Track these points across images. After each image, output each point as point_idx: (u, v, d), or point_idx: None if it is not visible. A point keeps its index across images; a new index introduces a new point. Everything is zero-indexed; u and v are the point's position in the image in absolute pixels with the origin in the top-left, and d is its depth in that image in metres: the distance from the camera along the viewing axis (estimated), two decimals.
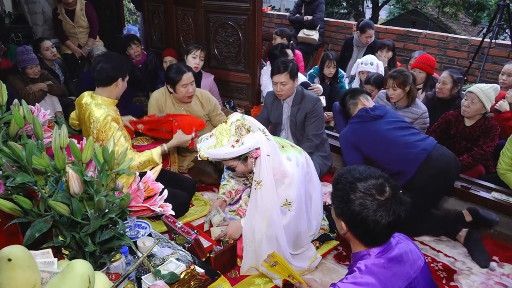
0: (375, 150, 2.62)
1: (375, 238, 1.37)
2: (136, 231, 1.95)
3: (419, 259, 1.41)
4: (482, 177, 3.00)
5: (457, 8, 16.86)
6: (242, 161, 2.09)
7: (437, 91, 3.45)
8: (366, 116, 2.66)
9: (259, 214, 2.10)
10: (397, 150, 2.53)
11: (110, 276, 1.35)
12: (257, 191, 2.09)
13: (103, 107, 2.38)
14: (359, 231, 1.37)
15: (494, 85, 2.92)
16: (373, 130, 2.61)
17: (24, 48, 3.84)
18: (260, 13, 3.83)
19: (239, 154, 2.03)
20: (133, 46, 4.24)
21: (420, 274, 1.37)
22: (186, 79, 3.01)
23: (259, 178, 2.08)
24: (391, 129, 2.59)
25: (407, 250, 1.40)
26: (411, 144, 2.52)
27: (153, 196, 1.30)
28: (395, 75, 3.16)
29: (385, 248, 1.38)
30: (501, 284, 2.30)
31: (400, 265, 1.35)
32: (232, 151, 2.01)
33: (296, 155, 2.22)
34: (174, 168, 3.18)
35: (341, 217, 1.40)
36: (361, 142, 2.66)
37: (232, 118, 2.08)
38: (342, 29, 6.00)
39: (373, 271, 1.31)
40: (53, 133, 1.24)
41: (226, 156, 2.03)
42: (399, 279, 1.31)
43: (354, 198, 1.34)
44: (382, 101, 3.40)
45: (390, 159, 2.56)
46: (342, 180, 1.40)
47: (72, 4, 4.74)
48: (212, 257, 2.07)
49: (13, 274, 1.00)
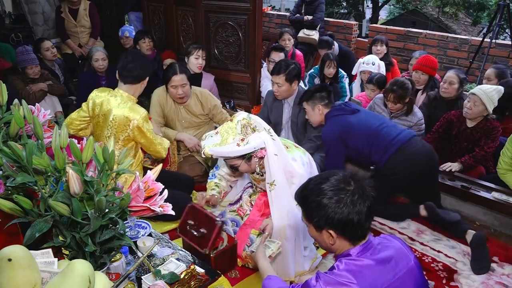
0: (361, 141, 2.67)
1: (362, 229, 1.35)
2: (136, 231, 1.95)
3: (406, 257, 1.37)
4: (482, 177, 3.00)
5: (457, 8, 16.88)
6: (246, 160, 2.08)
7: (443, 91, 3.40)
8: (346, 109, 2.73)
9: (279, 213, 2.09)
10: (377, 141, 2.63)
11: (110, 276, 1.35)
12: (272, 192, 2.08)
13: (134, 105, 2.47)
14: (347, 230, 1.34)
15: (498, 87, 2.91)
16: (355, 122, 2.67)
17: (24, 48, 3.83)
18: (260, 13, 3.83)
19: (244, 153, 2.03)
20: (146, 40, 4.26)
21: (405, 274, 1.33)
22: (176, 81, 2.98)
23: (271, 179, 2.07)
24: (370, 121, 2.69)
25: (392, 250, 1.37)
26: (390, 135, 2.62)
27: (153, 196, 1.30)
28: (395, 90, 3.12)
29: (365, 247, 1.36)
30: (501, 284, 2.30)
31: (384, 265, 1.32)
32: (237, 150, 2.00)
33: (301, 155, 2.22)
34: (174, 168, 3.19)
35: (326, 226, 1.35)
36: (348, 133, 2.68)
37: (238, 116, 2.08)
38: (342, 29, 6.00)
39: (352, 269, 1.29)
40: (53, 133, 1.24)
41: (230, 154, 2.02)
42: (381, 278, 1.29)
43: (328, 200, 1.33)
44: (379, 107, 3.39)
45: (371, 150, 2.65)
46: (308, 193, 1.40)
47: (76, 3, 4.76)
48: (213, 257, 2.07)
49: (13, 274, 1.00)
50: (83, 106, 2.59)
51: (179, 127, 3.23)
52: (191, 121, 3.24)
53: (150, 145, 2.55)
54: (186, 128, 3.25)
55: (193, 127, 3.27)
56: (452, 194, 2.95)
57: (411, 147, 2.60)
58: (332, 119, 2.73)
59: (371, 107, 3.48)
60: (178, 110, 3.20)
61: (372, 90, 3.78)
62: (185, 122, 3.23)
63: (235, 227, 2.37)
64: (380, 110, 3.38)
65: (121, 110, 2.41)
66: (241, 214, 2.45)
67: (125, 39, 4.61)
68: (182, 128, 3.24)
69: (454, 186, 2.91)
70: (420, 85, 3.74)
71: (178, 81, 2.99)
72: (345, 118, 2.69)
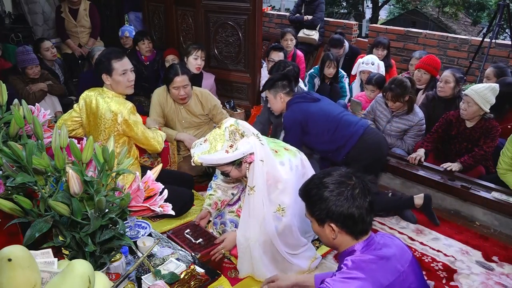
0: (321, 128, 2.75)
1: (363, 224, 1.38)
2: (136, 231, 1.95)
3: (406, 253, 1.41)
4: (482, 177, 3.00)
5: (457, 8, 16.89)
6: (236, 166, 2.08)
7: (439, 90, 3.41)
8: (308, 97, 2.82)
9: (253, 219, 2.10)
10: (338, 128, 2.73)
11: (110, 276, 1.35)
12: (250, 197, 2.09)
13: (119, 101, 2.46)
14: (349, 223, 1.37)
15: (492, 85, 2.91)
16: (315, 109, 2.76)
17: (24, 48, 3.83)
18: (260, 13, 3.83)
19: (233, 160, 2.03)
20: (145, 41, 4.25)
21: (408, 269, 1.37)
22: (178, 82, 2.98)
23: (252, 183, 2.08)
24: (331, 109, 2.80)
25: (393, 246, 1.41)
26: (350, 122, 2.73)
27: (153, 196, 1.30)
28: (393, 88, 3.14)
29: (368, 242, 1.40)
30: (501, 284, 2.30)
31: (388, 260, 1.35)
32: (226, 157, 2.00)
33: (290, 158, 2.21)
34: (174, 168, 3.19)
35: (327, 219, 1.39)
36: (308, 120, 2.75)
37: (225, 123, 2.07)
38: (342, 29, 5.99)
39: (361, 266, 1.32)
40: (53, 133, 1.24)
41: (220, 161, 2.02)
42: (387, 273, 1.32)
43: (329, 193, 1.38)
44: (380, 106, 3.39)
45: (331, 137, 2.74)
46: (311, 187, 1.45)
47: (77, 3, 4.76)
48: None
49: (13, 274, 1.00)
50: (74, 107, 2.59)
51: (179, 127, 3.23)
52: (191, 121, 3.24)
53: (142, 138, 2.53)
54: (186, 128, 3.25)
55: (193, 127, 3.27)
56: (452, 194, 2.96)
57: (372, 133, 2.77)
58: (293, 106, 2.80)
59: (372, 106, 3.49)
60: (178, 110, 3.20)
61: (371, 90, 3.78)
62: (185, 122, 3.23)
63: (233, 227, 2.37)
64: (382, 109, 3.38)
65: (107, 105, 2.41)
66: (239, 215, 2.45)
67: (125, 39, 4.62)
68: (182, 128, 3.24)
69: (454, 186, 2.91)
70: (421, 84, 3.74)
71: (180, 82, 2.99)
72: (305, 105, 2.78)
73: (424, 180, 3.04)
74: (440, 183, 2.96)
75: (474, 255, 2.54)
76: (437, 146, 3.26)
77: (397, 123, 3.31)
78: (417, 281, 1.38)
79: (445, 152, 3.25)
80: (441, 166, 3.04)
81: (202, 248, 2.13)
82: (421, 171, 3.10)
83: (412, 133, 3.31)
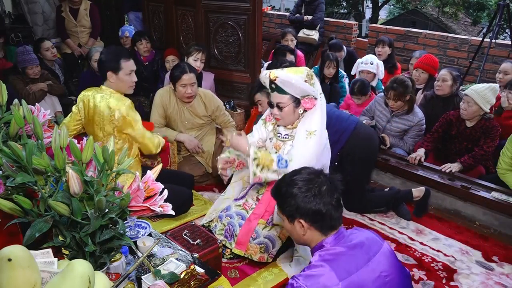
0: None
1: (331, 220, 1.44)
2: (136, 231, 1.95)
3: (377, 243, 1.46)
4: (482, 177, 3.00)
5: (457, 8, 16.89)
6: (295, 104, 2.17)
7: (437, 88, 3.42)
8: None
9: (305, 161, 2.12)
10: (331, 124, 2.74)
11: (110, 276, 1.35)
12: (308, 140, 2.18)
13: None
14: (317, 219, 1.43)
15: (492, 85, 2.91)
16: None
17: (24, 49, 3.83)
18: (260, 13, 3.83)
19: (303, 93, 2.14)
20: (143, 42, 4.23)
21: (379, 257, 1.40)
22: (186, 80, 3.00)
23: (312, 128, 2.19)
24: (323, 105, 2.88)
25: (362, 237, 1.46)
26: (342, 118, 2.77)
27: (153, 196, 1.30)
28: (395, 87, 3.14)
29: (338, 236, 1.45)
30: (501, 284, 2.30)
31: (356, 249, 1.40)
32: (302, 83, 2.11)
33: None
34: (174, 168, 3.19)
35: (297, 214, 1.45)
36: None
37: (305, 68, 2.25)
38: (342, 29, 6.00)
39: (326, 258, 1.37)
40: (53, 133, 1.24)
41: (295, 83, 2.10)
42: (356, 262, 1.36)
43: (298, 190, 1.45)
44: (380, 105, 3.39)
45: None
46: (281, 185, 1.53)
47: (77, 3, 4.76)
48: None
49: (13, 274, 1.00)
50: (73, 109, 2.59)
51: (182, 128, 3.23)
52: (194, 122, 3.25)
53: (139, 136, 2.51)
54: (188, 129, 3.25)
55: (195, 128, 3.28)
56: (452, 194, 2.96)
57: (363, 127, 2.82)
58: None
59: (371, 106, 3.49)
60: (181, 111, 3.20)
61: (357, 99, 3.75)
62: (188, 123, 3.23)
63: (240, 220, 2.38)
64: (381, 109, 3.38)
65: (105, 103, 2.41)
66: (247, 209, 2.46)
67: (125, 39, 4.61)
68: (184, 129, 3.24)
69: (454, 186, 2.92)
70: (420, 83, 3.75)
71: (188, 80, 3.01)
72: None
73: (424, 180, 3.04)
74: (440, 183, 2.96)
75: (474, 255, 2.55)
76: (437, 146, 3.26)
77: (396, 123, 3.31)
78: (390, 268, 1.41)
79: (445, 152, 3.25)
80: (441, 167, 3.04)
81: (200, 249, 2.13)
82: (421, 171, 3.10)
83: (412, 133, 3.31)
